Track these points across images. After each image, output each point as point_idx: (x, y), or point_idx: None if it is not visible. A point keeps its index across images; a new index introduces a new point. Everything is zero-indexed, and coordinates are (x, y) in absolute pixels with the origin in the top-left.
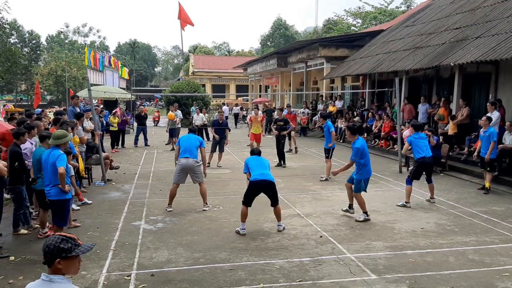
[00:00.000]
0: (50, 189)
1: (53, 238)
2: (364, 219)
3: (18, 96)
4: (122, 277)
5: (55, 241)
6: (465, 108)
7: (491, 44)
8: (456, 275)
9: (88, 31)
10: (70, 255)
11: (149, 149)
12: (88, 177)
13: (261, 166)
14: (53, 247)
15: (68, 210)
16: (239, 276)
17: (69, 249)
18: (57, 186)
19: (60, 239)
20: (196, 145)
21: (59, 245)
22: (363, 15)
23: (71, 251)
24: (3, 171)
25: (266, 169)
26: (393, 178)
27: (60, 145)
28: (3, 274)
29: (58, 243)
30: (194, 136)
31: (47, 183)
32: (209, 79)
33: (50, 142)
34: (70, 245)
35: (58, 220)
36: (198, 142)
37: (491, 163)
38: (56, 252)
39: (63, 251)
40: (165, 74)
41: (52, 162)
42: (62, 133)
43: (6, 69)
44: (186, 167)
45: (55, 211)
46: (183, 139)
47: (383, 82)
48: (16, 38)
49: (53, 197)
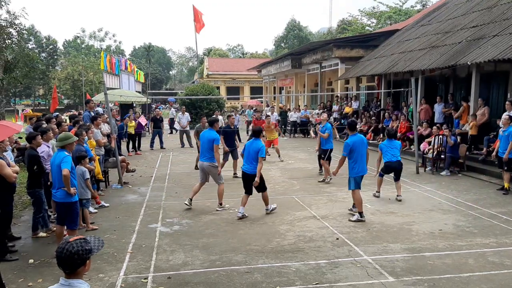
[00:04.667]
0: (56, 192)
1: (73, 244)
2: (356, 219)
3: (36, 100)
4: (139, 280)
5: (79, 245)
6: (485, 107)
7: (509, 42)
8: (476, 277)
9: (104, 35)
10: (93, 254)
11: (164, 152)
12: (105, 180)
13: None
14: (82, 251)
15: (76, 212)
16: (255, 278)
17: (91, 249)
18: (63, 189)
19: (80, 242)
20: (210, 147)
21: (85, 248)
22: (377, 15)
23: (93, 249)
24: (11, 177)
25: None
26: (410, 179)
27: (64, 147)
28: (23, 277)
29: (83, 246)
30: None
31: (54, 185)
32: (224, 82)
33: (56, 144)
34: (89, 244)
35: (69, 222)
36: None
37: (510, 163)
38: (85, 256)
39: (89, 252)
40: (180, 77)
41: (58, 164)
42: (66, 135)
43: (24, 74)
44: (201, 167)
45: (62, 214)
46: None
47: (398, 82)
48: (34, 44)
49: (59, 199)
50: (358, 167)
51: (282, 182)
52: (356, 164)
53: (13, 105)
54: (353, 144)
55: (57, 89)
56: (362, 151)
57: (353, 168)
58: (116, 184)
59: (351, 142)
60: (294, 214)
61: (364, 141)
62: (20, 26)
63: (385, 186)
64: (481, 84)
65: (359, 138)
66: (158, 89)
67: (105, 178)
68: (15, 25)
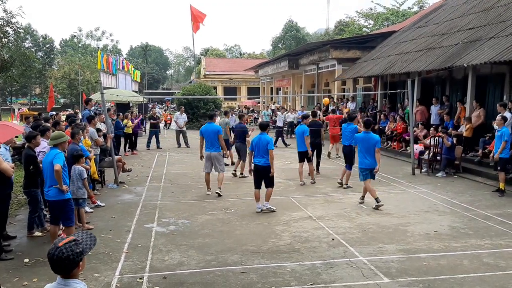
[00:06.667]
0: (49, 190)
1: (63, 249)
2: (375, 206)
3: (33, 99)
4: (135, 280)
5: (69, 249)
6: (480, 109)
7: (505, 44)
8: (470, 279)
9: (101, 34)
10: (85, 255)
11: (161, 152)
12: (101, 180)
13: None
14: (73, 255)
15: (71, 209)
16: (251, 279)
17: (83, 250)
18: (55, 187)
19: (70, 246)
20: (216, 138)
21: (76, 251)
22: (375, 16)
23: (84, 250)
24: (9, 171)
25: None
26: (406, 180)
27: (57, 145)
28: (18, 276)
29: (73, 250)
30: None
31: (46, 183)
32: (221, 82)
33: (49, 143)
34: (80, 245)
35: (64, 220)
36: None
37: (504, 164)
38: (77, 258)
39: (81, 254)
40: (177, 76)
41: (50, 161)
42: (58, 133)
43: (20, 73)
44: (209, 157)
45: (56, 212)
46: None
47: (395, 83)
48: (31, 43)
49: (51, 198)
50: (359, 160)
51: (278, 182)
52: (359, 158)
53: (9, 104)
54: (358, 138)
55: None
56: (364, 146)
57: (358, 161)
58: (112, 183)
59: (356, 136)
60: (290, 215)
61: (368, 138)
62: (16, 25)
63: (380, 187)
64: (477, 86)
65: (365, 135)
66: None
67: (101, 177)
68: (12, 24)
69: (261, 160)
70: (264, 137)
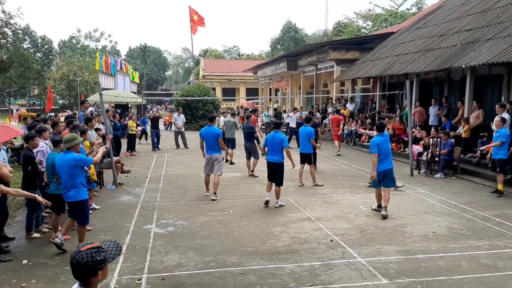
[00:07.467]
0: (68, 192)
1: (84, 254)
2: (374, 208)
3: (31, 100)
4: (133, 281)
5: (90, 256)
6: (479, 110)
7: (503, 45)
8: (468, 279)
9: (100, 35)
10: (107, 264)
11: (160, 153)
12: (99, 181)
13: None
14: (92, 263)
15: (88, 208)
16: (249, 280)
17: (104, 259)
18: (75, 188)
19: (92, 252)
20: (216, 141)
21: (96, 259)
22: (373, 17)
23: (106, 259)
24: (8, 177)
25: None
26: (405, 181)
27: (71, 148)
28: (16, 277)
29: (94, 257)
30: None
31: (65, 186)
32: (219, 83)
33: (62, 146)
34: (103, 253)
35: (81, 219)
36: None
37: (503, 165)
38: (96, 267)
39: (102, 262)
40: (175, 77)
41: (69, 165)
42: (72, 136)
43: (19, 74)
44: (210, 159)
45: (76, 213)
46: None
47: (393, 84)
48: (29, 44)
49: (71, 199)
50: (379, 165)
51: None
52: (379, 163)
53: (7, 105)
54: (377, 143)
55: (52, 89)
56: (383, 149)
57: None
58: (111, 185)
59: (373, 141)
60: (289, 216)
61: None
62: (15, 25)
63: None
64: (475, 87)
65: (380, 138)
66: (153, 90)
67: (99, 179)
68: (10, 25)
69: (273, 157)
70: (278, 135)
